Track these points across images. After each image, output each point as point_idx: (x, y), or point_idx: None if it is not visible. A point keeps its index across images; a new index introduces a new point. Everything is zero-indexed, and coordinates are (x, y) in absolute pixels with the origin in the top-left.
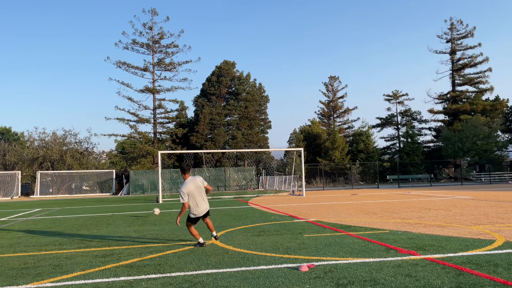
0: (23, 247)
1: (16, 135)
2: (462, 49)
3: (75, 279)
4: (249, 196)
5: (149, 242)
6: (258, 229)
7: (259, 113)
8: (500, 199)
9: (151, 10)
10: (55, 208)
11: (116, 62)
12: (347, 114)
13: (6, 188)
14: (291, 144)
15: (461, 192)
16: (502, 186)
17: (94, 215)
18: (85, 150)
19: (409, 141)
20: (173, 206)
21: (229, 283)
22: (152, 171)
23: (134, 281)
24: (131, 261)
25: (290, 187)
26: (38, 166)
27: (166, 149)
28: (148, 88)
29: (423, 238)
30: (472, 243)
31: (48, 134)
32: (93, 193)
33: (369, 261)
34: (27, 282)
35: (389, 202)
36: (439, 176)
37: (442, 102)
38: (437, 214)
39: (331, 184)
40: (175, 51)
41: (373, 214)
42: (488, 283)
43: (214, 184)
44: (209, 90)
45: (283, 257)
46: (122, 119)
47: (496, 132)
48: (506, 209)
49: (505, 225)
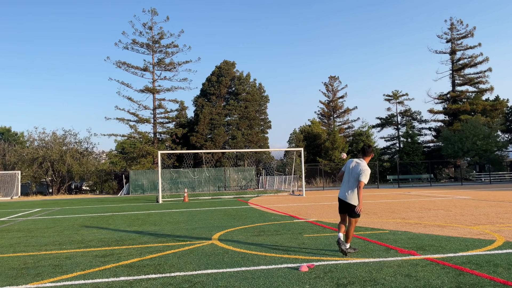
0: (23, 247)
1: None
2: (462, 49)
3: (75, 279)
4: (249, 196)
5: (149, 242)
6: (258, 229)
7: (259, 113)
8: (500, 199)
9: (151, 10)
10: (55, 208)
11: (116, 62)
12: (347, 114)
13: (6, 188)
14: (291, 144)
15: (461, 192)
16: (502, 186)
17: (94, 215)
18: (85, 150)
19: (409, 141)
20: (173, 206)
21: (229, 283)
22: (152, 171)
23: (134, 281)
24: (131, 261)
25: (290, 187)
26: (38, 166)
27: (166, 149)
28: (148, 88)
29: (423, 238)
30: (472, 243)
31: (48, 134)
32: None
33: (369, 261)
34: (27, 282)
35: (389, 202)
36: (439, 176)
37: (442, 102)
38: (437, 214)
39: (331, 184)
40: (175, 51)
41: (373, 214)
42: (488, 283)
43: (214, 184)
44: (209, 90)
45: (283, 257)
46: (122, 119)
47: (496, 132)
48: (506, 209)
49: (505, 225)
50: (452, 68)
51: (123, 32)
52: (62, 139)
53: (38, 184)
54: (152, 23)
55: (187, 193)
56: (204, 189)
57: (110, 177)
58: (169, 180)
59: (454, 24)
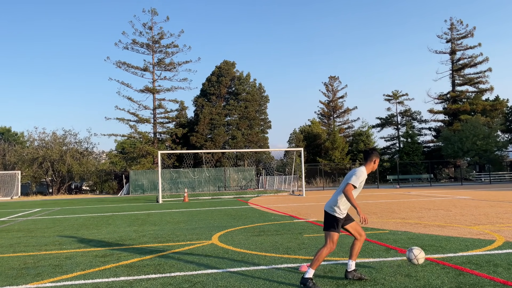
0: (23, 247)
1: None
2: (462, 49)
3: (75, 279)
4: (249, 196)
5: (149, 242)
6: (258, 229)
7: (259, 113)
8: (500, 199)
9: (151, 10)
10: (55, 208)
11: (116, 62)
12: (347, 114)
13: (6, 188)
14: (291, 144)
15: (461, 192)
16: (502, 186)
17: (94, 215)
18: (85, 150)
19: (409, 141)
20: (173, 206)
21: (229, 283)
22: (152, 171)
23: (134, 281)
24: (131, 261)
25: (290, 187)
26: (38, 166)
27: (166, 149)
28: (148, 88)
29: (423, 238)
30: (472, 243)
31: (48, 134)
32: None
33: (369, 261)
34: (27, 282)
35: (389, 202)
36: (439, 176)
37: (442, 102)
38: (437, 214)
39: (331, 184)
40: (175, 51)
41: (373, 214)
42: (488, 283)
43: (214, 184)
44: (209, 90)
45: (283, 257)
46: (122, 119)
47: (496, 132)
48: (506, 209)
49: (505, 225)
50: (452, 68)
51: (123, 32)
52: (62, 139)
53: (38, 184)
54: (152, 23)
55: (187, 193)
56: (204, 189)
57: (110, 177)
58: (169, 180)
59: (454, 24)
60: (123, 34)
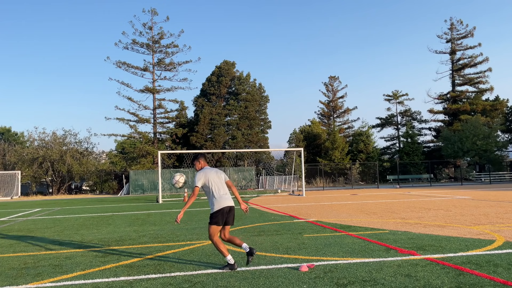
0: (23, 247)
1: (16, 135)
2: (462, 49)
3: (75, 279)
4: (249, 196)
5: (149, 242)
6: (258, 229)
7: (259, 113)
8: (500, 199)
9: (151, 10)
10: (55, 208)
11: (116, 62)
12: (347, 114)
13: (6, 188)
14: (291, 144)
15: (461, 192)
16: (502, 186)
17: (94, 215)
18: (85, 150)
19: (409, 141)
20: (173, 206)
21: (229, 283)
22: (152, 171)
23: (134, 281)
24: (131, 261)
25: (290, 187)
26: (38, 166)
27: (166, 149)
28: (148, 88)
29: (423, 238)
30: (472, 243)
31: (48, 134)
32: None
33: (369, 261)
34: (27, 282)
35: (389, 202)
36: (439, 176)
37: (442, 102)
38: (437, 214)
39: (331, 184)
40: (175, 51)
41: (373, 214)
42: (488, 283)
43: None
44: (209, 90)
45: (283, 257)
46: (122, 119)
47: (496, 132)
48: (506, 209)
49: (505, 225)
50: (452, 68)
51: (123, 32)
52: (62, 139)
53: (38, 184)
54: (152, 23)
55: (187, 193)
56: None
57: (110, 177)
58: (169, 180)
59: (454, 24)
60: (123, 34)
